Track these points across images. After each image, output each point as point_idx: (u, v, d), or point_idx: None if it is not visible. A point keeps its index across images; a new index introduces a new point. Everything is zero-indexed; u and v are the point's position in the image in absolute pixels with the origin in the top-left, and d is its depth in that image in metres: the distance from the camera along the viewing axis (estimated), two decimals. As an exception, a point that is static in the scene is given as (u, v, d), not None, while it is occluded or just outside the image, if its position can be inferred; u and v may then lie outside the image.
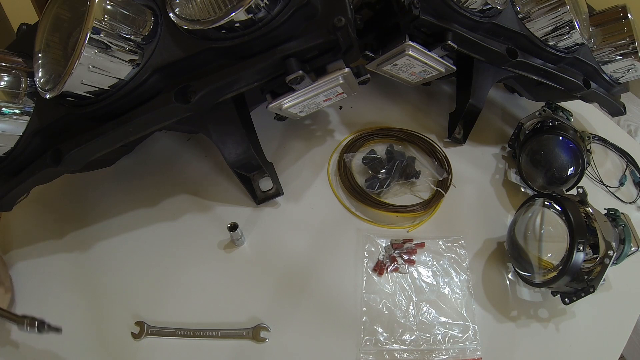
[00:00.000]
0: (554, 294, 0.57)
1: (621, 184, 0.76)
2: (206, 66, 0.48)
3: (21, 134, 0.50)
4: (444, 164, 0.70)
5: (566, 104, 0.74)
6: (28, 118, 0.50)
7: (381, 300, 0.56)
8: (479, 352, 0.53)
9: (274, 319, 0.54)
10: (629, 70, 0.70)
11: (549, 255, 0.55)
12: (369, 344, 0.53)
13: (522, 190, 0.71)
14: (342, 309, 0.56)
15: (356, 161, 0.70)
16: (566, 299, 0.54)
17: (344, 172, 0.68)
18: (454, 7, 0.57)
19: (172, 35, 0.47)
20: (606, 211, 0.60)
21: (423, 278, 0.59)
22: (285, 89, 0.51)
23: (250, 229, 0.62)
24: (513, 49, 0.62)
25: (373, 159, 0.69)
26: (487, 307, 0.58)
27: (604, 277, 0.51)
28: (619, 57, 0.69)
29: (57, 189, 0.66)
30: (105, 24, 0.42)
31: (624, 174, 0.78)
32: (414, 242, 0.62)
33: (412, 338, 0.54)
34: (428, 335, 0.54)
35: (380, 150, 0.72)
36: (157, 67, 0.46)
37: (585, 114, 0.88)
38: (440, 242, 0.63)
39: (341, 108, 0.79)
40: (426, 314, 0.56)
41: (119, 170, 0.68)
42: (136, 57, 0.45)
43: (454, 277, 0.60)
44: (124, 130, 0.48)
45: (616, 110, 0.77)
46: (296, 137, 0.74)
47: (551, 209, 0.57)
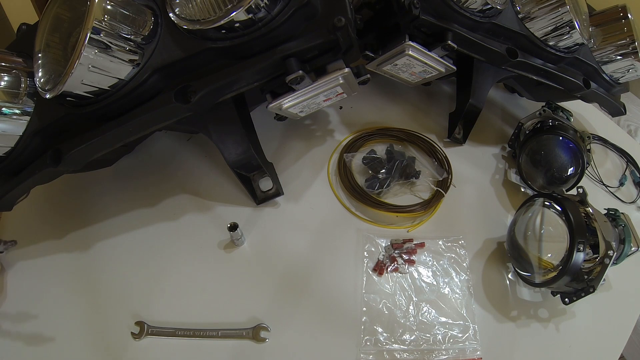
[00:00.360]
0: (554, 294, 0.57)
1: (621, 184, 0.76)
2: (206, 66, 0.48)
3: (21, 134, 0.50)
4: (444, 164, 0.70)
5: (566, 104, 0.74)
6: (28, 118, 0.50)
7: (381, 300, 0.56)
8: (479, 352, 0.53)
9: (274, 319, 0.54)
10: (629, 70, 0.70)
11: (549, 255, 0.55)
12: (369, 344, 0.53)
13: (522, 190, 0.71)
14: (342, 309, 0.56)
15: (356, 161, 0.70)
16: (566, 299, 0.54)
17: (344, 172, 0.68)
18: (454, 7, 0.57)
19: (172, 35, 0.47)
20: (606, 211, 0.60)
21: (423, 278, 0.59)
22: (285, 89, 0.51)
23: (250, 229, 0.62)
24: (513, 49, 0.62)
25: (373, 159, 0.69)
26: (487, 307, 0.58)
27: (604, 277, 0.51)
28: (619, 57, 0.69)
29: (57, 189, 0.66)
30: (105, 24, 0.42)
31: (624, 174, 0.78)
32: (414, 242, 0.62)
33: (412, 338, 0.54)
34: (428, 335, 0.54)
35: (380, 150, 0.72)
36: (157, 67, 0.46)
37: (585, 114, 0.88)
38: (440, 242, 0.63)
39: (341, 108, 0.79)
40: (426, 314, 0.56)
41: (119, 170, 0.68)
42: (136, 57, 0.45)
43: (454, 277, 0.60)
44: (124, 130, 0.48)
45: (616, 110, 0.77)
46: (296, 137, 0.74)
47: (551, 209, 0.57)
